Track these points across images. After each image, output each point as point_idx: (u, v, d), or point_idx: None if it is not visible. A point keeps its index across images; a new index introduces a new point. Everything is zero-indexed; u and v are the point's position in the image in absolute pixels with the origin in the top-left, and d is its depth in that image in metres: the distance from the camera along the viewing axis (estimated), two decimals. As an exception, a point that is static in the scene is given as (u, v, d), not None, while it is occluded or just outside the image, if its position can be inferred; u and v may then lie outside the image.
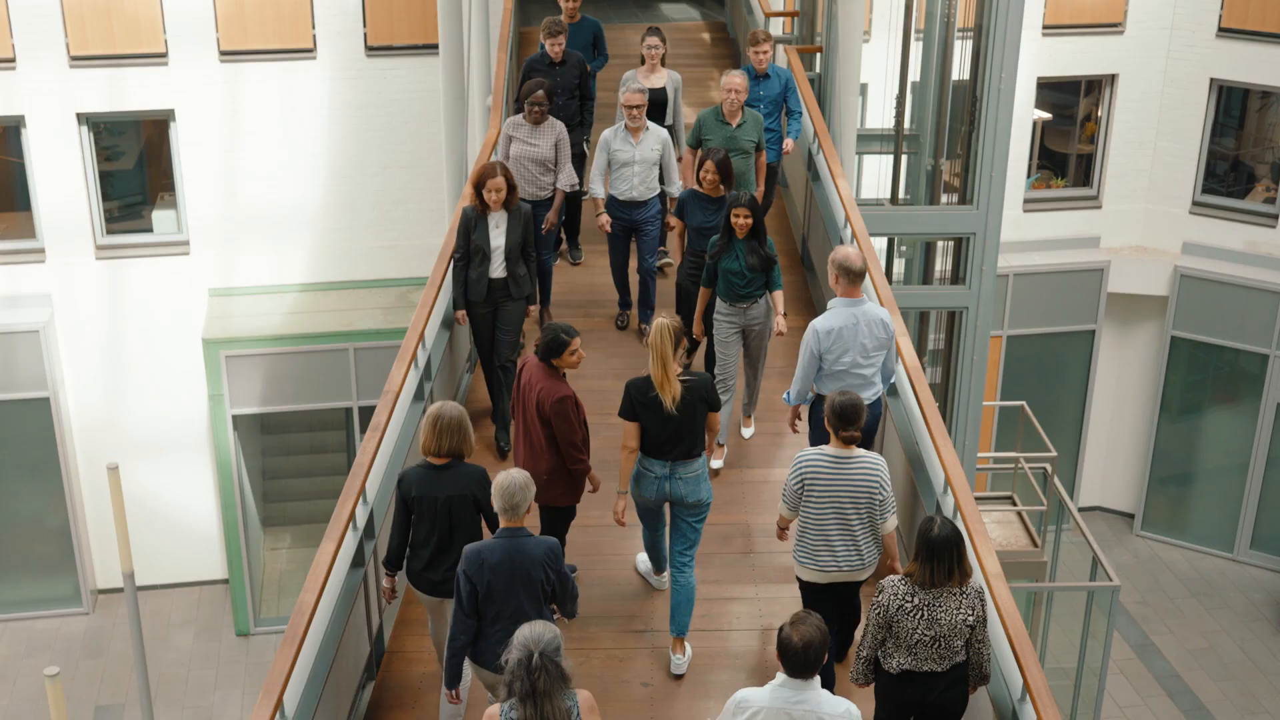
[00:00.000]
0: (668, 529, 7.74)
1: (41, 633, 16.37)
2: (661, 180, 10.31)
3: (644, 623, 7.91)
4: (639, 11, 17.25)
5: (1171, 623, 16.75)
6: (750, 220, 8.57)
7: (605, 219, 10.33)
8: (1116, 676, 15.44)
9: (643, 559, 8.29)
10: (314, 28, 15.81)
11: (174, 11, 15.40)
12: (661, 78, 11.27)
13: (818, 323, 7.92)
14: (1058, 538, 14.40)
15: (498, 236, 8.94)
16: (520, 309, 9.22)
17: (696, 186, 9.42)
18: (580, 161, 11.25)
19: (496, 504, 6.29)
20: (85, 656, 15.92)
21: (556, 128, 10.18)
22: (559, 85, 11.07)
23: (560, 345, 7.35)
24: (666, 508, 7.64)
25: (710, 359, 9.28)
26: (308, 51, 15.87)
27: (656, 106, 11.02)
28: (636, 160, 10.12)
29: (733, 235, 8.67)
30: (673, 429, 7.33)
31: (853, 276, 7.90)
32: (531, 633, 5.32)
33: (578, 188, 10.69)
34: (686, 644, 7.61)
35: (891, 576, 6.34)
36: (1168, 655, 16.11)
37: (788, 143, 11.32)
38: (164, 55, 15.57)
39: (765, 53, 11.14)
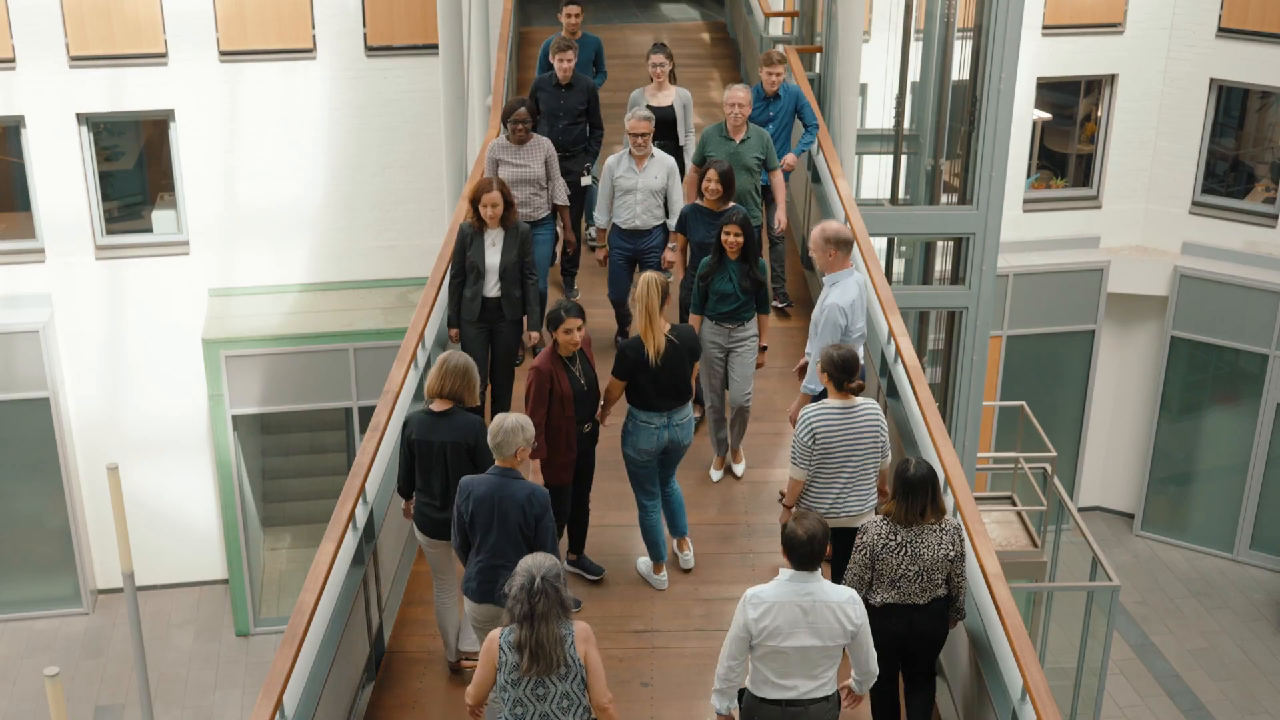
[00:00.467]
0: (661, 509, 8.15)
1: (41, 633, 16.37)
2: (666, 211, 9.89)
3: (644, 623, 7.91)
4: (639, 11, 17.25)
5: (1171, 623, 16.75)
6: (741, 239, 8.39)
7: (602, 252, 10.09)
8: (1116, 676, 15.44)
9: (644, 562, 8.30)
10: (314, 28, 15.82)
11: (174, 11, 15.41)
12: (669, 95, 10.89)
13: (838, 299, 8.02)
14: (1057, 538, 14.40)
15: (493, 255, 8.75)
16: (515, 331, 9.00)
17: (698, 200, 9.21)
18: (586, 191, 10.97)
19: (489, 442, 6.60)
20: (85, 656, 15.92)
21: (543, 144, 9.91)
22: (564, 109, 10.76)
23: (555, 319, 7.54)
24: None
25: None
26: (308, 51, 15.88)
27: (665, 125, 10.65)
28: (639, 188, 9.74)
29: (724, 255, 8.48)
30: (666, 381, 7.76)
31: (848, 247, 8.16)
32: (533, 560, 5.58)
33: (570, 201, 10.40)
34: (689, 541, 8.22)
35: (873, 517, 6.68)
36: (1168, 655, 16.12)
37: (789, 157, 10.85)
38: (164, 55, 15.58)
39: (779, 74, 10.70)
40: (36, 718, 14.77)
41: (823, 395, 7.52)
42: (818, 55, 13.36)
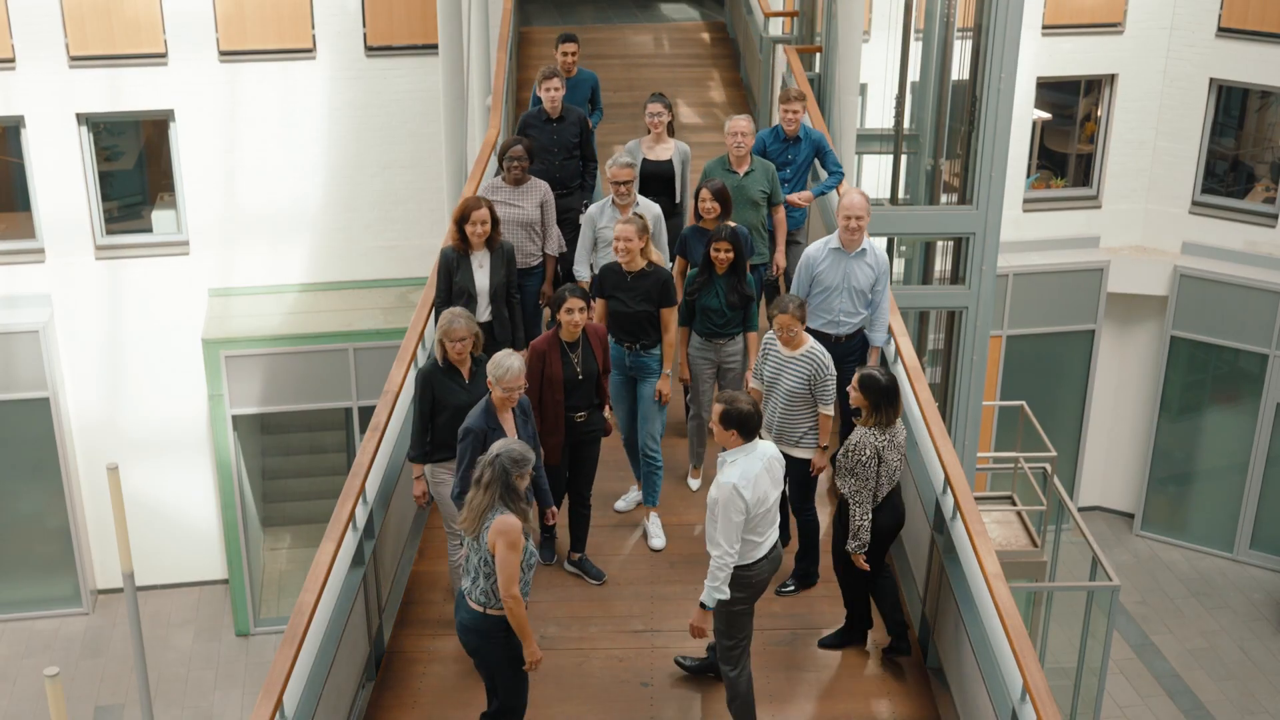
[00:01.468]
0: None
1: (41, 633, 16.37)
2: None
3: (644, 623, 7.92)
4: (639, 11, 17.26)
5: (1171, 623, 16.75)
6: (731, 255, 8.30)
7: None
8: (1116, 676, 15.44)
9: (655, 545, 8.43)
10: (314, 28, 15.82)
11: (174, 11, 15.41)
12: (668, 149, 10.04)
13: (882, 244, 8.85)
14: (1057, 538, 14.39)
15: (482, 277, 8.42)
16: None
17: (697, 222, 9.02)
18: (577, 230, 9.94)
19: None
20: (85, 656, 15.92)
21: (540, 188, 9.32)
22: (557, 143, 10.11)
23: (559, 299, 7.69)
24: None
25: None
26: (307, 51, 15.88)
27: (663, 181, 9.93)
28: None
29: (713, 271, 8.40)
30: None
31: None
32: (504, 443, 6.27)
33: (565, 250, 9.71)
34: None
35: (860, 432, 7.20)
36: (1168, 655, 16.12)
37: (806, 194, 10.18)
38: (164, 55, 15.58)
39: (797, 112, 10.07)
40: (36, 718, 14.77)
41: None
42: (818, 55, 13.36)
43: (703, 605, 6.62)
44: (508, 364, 6.94)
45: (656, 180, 9.82)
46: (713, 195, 8.80)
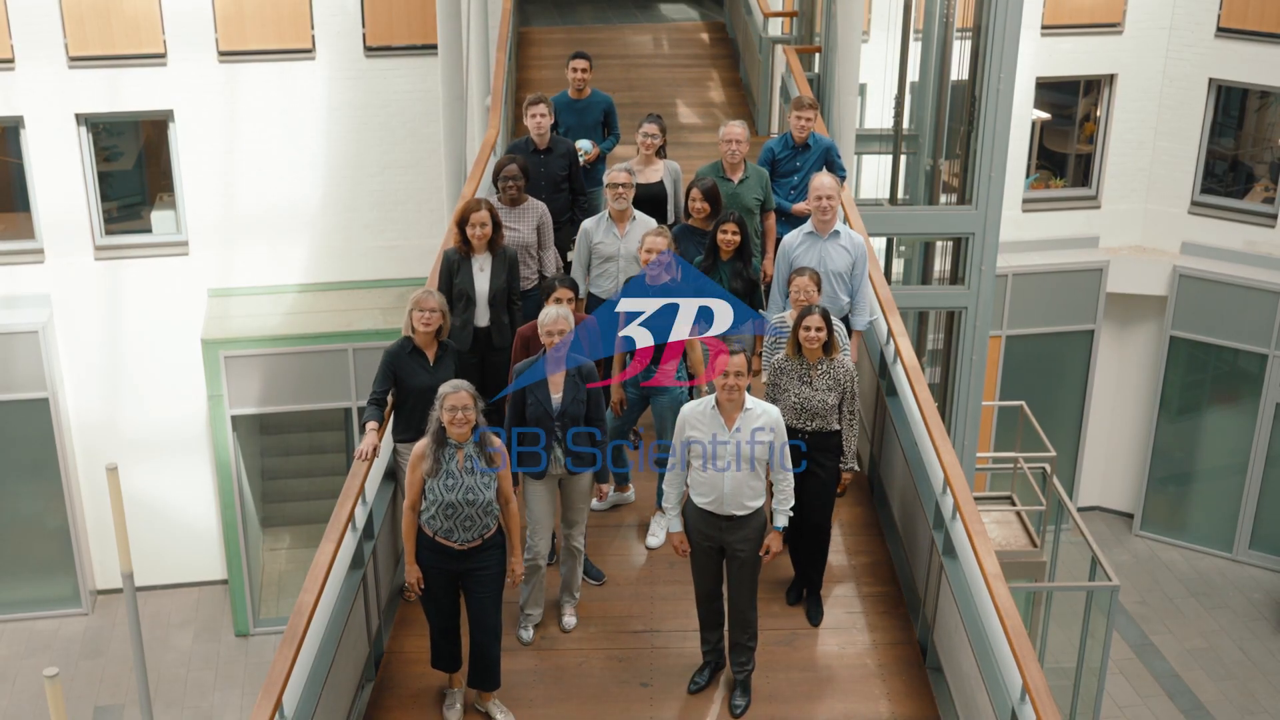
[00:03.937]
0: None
1: (41, 633, 16.37)
2: None
3: (644, 623, 7.92)
4: (638, 11, 17.25)
5: (1171, 623, 16.76)
6: (738, 238, 8.25)
7: None
8: (1116, 676, 15.44)
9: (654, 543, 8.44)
10: (313, 28, 15.82)
11: (173, 12, 15.41)
12: (658, 171, 9.64)
13: (858, 233, 9.01)
14: (1057, 538, 14.40)
15: (482, 280, 8.30)
16: (505, 359, 8.44)
17: (687, 220, 8.93)
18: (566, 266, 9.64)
19: None
20: (85, 656, 15.92)
21: (537, 209, 8.99)
22: (544, 176, 9.65)
23: (548, 289, 7.86)
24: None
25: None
26: (307, 52, 15.88)
27: (654, 204, 9.50)
28: (621, 255, 8.75)
29: (717, 255, 8.34)
30: None
31: None
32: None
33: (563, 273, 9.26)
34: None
35: (848, 360, 7.71)
36: (1167, 655, 16.12)
37: (802, 205, 9.63)
38: (163, 55, 15.58)
39: (810, 120, 9.78)
40: (36, 718, 14.77)
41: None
42: (817, 55, 13.36)
43: (780, 529, 7.13)
44: (548, 309, 7.33)
45: (647, 203, 9.39)
46: (703, 195, 8.74)
